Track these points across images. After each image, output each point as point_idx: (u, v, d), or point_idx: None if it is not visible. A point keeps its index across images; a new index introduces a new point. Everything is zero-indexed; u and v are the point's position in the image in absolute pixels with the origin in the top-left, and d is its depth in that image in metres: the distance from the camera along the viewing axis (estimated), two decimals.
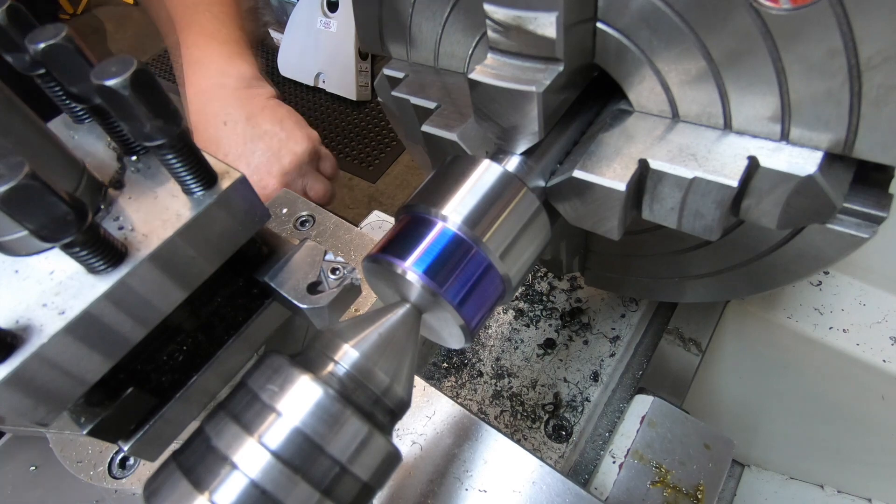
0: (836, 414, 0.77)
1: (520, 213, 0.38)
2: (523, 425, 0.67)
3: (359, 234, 0.64)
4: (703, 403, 0.87)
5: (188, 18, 0.84)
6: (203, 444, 0.29)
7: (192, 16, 0.84)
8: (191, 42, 0.83)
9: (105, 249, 0.26)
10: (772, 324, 0.69)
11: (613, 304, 0.76)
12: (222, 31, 0.84)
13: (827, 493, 0.88)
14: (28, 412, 0.26)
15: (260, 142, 0.79)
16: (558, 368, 0.71)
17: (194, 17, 0.83)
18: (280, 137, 0.80)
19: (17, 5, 0.28)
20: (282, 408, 0.29)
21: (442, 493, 0.48)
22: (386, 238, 0.38)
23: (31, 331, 0.25)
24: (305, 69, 2.82)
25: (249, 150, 0.79)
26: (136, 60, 0.24)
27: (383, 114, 0.90)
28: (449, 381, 0.71)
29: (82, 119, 0.34)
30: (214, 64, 0.82)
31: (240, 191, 0.31)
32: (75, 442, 0.51)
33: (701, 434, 0.53)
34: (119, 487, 0.49)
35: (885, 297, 0.67)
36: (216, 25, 0.83)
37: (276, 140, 0.80)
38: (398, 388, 0.33)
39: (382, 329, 0.34)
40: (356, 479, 0.30)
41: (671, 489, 0.50)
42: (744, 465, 0.98)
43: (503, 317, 0.77)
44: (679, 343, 0.68)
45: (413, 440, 0.51)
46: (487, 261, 0.36)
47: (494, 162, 0.39)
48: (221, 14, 0.85)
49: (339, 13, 2.63)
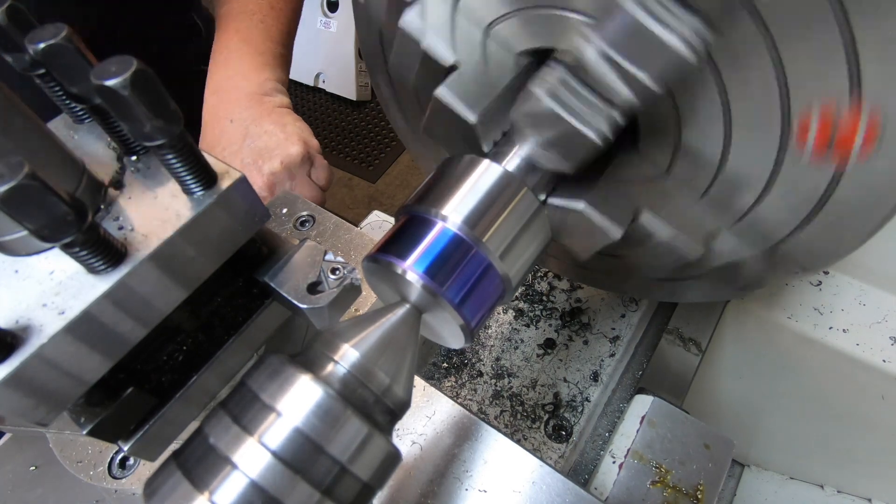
0: (836, 414, 0.77)
1: (520, 213, 0.38)
2: (523, 425, 0.67)
3: (359, 234, 0.64)
4: (703, 403, 0.87)
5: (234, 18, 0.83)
6: (203, 444, 0.29)
7: (240, 17, 0.83)
8: (225, 41, 0.83)
9: (105, 249, 0.26)
10: (772, 324, 0.69)
11: (613, 304, 0.76)
12: (260, 41, 0.83)
13: (827, 493, 0.88)
14: (28, 412, 0.26)
15: (257, 140, 0.79)
16: (558, 368, 0.71)
17: (241, 18, 0.83)
18: (278, 138, 0.79)
19: (17, 5, 0.28)
20: (282, 408, 0.29)
21: (442, 493, 0.48)
22: (386, 238, 0.38)
23: (31, 331, 0.25)
24: (305, 69, 2.82)
25: (246, 146, 0.79)
26: (136, 60, 0.24)
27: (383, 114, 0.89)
28: (449, 381, 0.71)
29: (82, 119, 0.34)
30: (240, 68, 0.82)
31: (240, 191, 0.31)
32: (75, 442, 0.51)
33: (701, 434, 0.53)
34: (119, 487, 0.49)
35: (885, 297, 0.67)
36: (255, 33, 0.83)
37: (274, 139, 0.79)
38: (398, 388, 0.33)
39: (382, 329, 0.34)
40: (356, 479, 0.30)
41: (671, 489, 0.50)
42: (744, 465, 0.98)
43: (503, 317, 0.77)
44: (679, 343, 0.68)
45: (413, 440, 0.51)
46: (487, 261, 0.36)
47: (494, 162, 0.39)
48: (267, 25, 0.84)
49: (339, 13, 2.63)
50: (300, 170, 0.81)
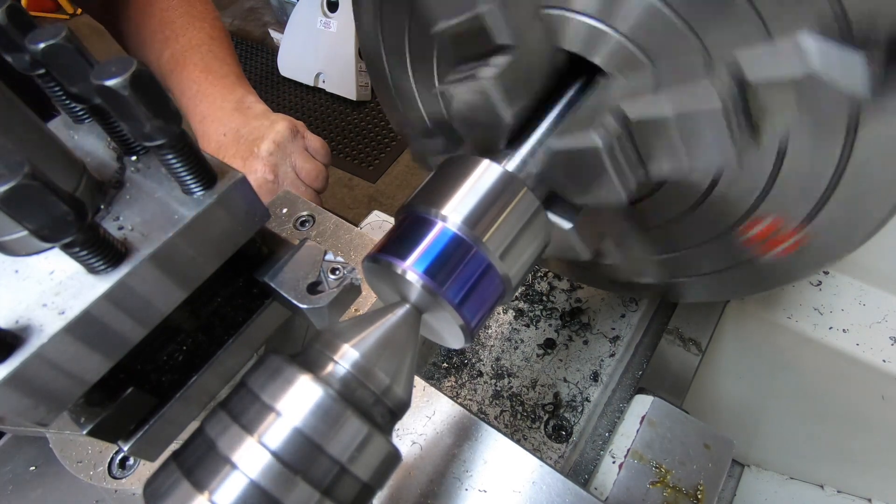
0: (836, 414, 0.77)
1: (520, 213, 0.38)
2: (523, 425, 0.67)
3: (359, 234, 0.64)
4: (703, 403, 0.87)
5: (187, 56, 0.89)
6: (203, 444, 0.29)
7: (192, 53, 0.89)
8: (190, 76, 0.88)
9: (105, 249, 0.26)
10: (772, 324, 0.69)
11: (613, 304, 0.76)
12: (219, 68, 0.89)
13: (827, 493, 0.88)
14: (28, 412, 0.26)
15: (248, 135, 0.83)
16: (558, 368, 0.71)
17: (193, 53, 0.89)
18: (265, 125, 0.84)
19: (18, 5, 0.28)
20: (282, 408, 0.29)
21: (442, 493, 0.48)
22: (386, 238, 0.38)
23: (31, 331, 0.25)
24: (305, 69, 2.82)
25: (241, 145, 0.83)
26: (136, 60, 0.24)
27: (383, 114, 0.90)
28: (449, 381, 0.71)
29: (82, 119, 0.34)
30: (217, 93, 0.87)
31: (240, 191, 0.31)
32: (75, 442, 0.51)
33: (701, 434, 0.53)
34: (119, 487, 0.49)
35: (885, 297, 0.67)
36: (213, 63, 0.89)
37: (262, 128, 0.84)
38: (398, 388, 0.33)
39: (382, 329, 0.34)
40: (356, 480, 0.30)
41: (671, 489, 0.50)
42: (744, 465, 0.98)
43: (503, 317, 0.77)
44: (679, 343, 0.68)
45: (413, 440, 0.51)
46: (487, 261, 0.36)
47: (494, 162, 0.39)
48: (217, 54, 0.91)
49: (339, 13, 2.63)
50: (293, 144, 0.84)
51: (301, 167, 0.84)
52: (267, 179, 0.81)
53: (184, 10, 0.91)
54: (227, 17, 3.35)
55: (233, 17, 3.36)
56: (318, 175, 0.86)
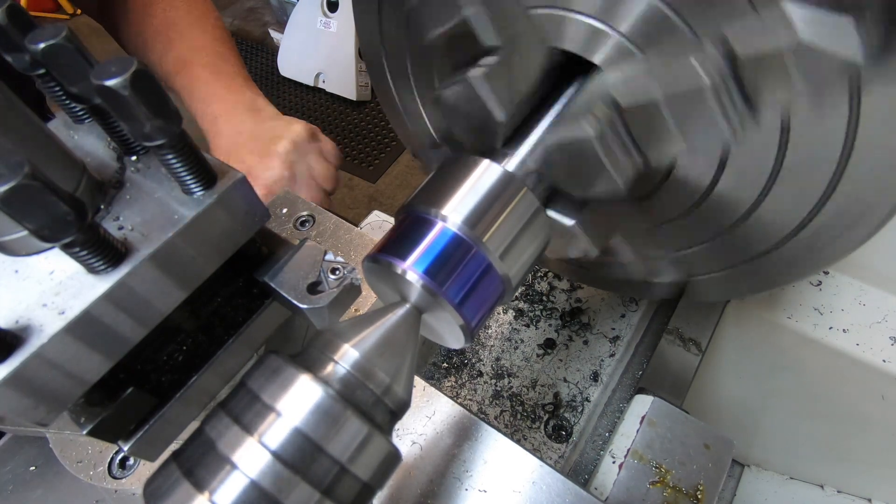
0: (836, 414, 0.77)
1: (520, 213, 0.38)
2: (523, 425, 0.67)
3: (359, 234, 0.64)
4: (703, 403, 0.87)
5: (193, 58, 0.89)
6: (203, 444, 0.29)
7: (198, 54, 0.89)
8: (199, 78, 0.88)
9: (105, 249, 0.26)
10: (772, 324, 0.69)
11: (613, 304, 0.76)
12: (228, 69, 0.90)
13: (827, 493, 0.88)
14: (28, 412, 0.26)
15: (264, 134, 0.85)
16: (558, 368, 0.71)
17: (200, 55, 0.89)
18: (281, 125, 0.86)
19: (18, 5, 0.28)
20: (282, 408, 0.29)
21: (442, 493, 0.48)
22: (386, 238, 0.38)
23: (31, 331, 0.25)
24: (305, 69, 2.82)
25: (258, 144, 0.84)
26: (136, 60, 0.24)
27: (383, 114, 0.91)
28: (449, 381, 0.71)
29: (82, 119, 0.34)
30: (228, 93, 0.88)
31: (240, 191, 0.31)
32: (75, 442, 0.51)
33: (701, 434, 0.53)
34: (119, 487, 0.49)
35: (885, 297, 0.67)
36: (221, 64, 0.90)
37: (279, 127, 0.85)
38: (398, 388, 0.33)
39: (382, 329, 0.34)
40: (356, 479, 0.30)
41: (671, 489, 0.50)
42: (744, 465, 0.98)
43: (503, 317, 0.77)
44: (679, 343, 0.68)
45: (413, 440, 0.51)
46: (487, 261, 0.36)
47: (494, 162, 0.39)
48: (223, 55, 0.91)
49: (339, 13, 2.63)
50: (310, 146, 0.86)
51: (316, 168, 0.86)
52: (283, 176, 0.82)
53: (186, 10, 0.92)
54: (227, 17, 3.35)
55: (233, 17, 3.36)
56: (331, 177, 0.88)
